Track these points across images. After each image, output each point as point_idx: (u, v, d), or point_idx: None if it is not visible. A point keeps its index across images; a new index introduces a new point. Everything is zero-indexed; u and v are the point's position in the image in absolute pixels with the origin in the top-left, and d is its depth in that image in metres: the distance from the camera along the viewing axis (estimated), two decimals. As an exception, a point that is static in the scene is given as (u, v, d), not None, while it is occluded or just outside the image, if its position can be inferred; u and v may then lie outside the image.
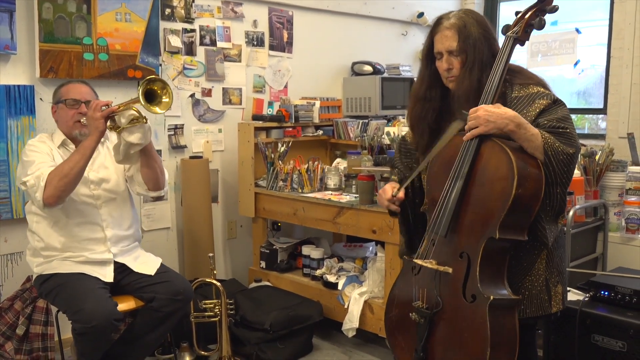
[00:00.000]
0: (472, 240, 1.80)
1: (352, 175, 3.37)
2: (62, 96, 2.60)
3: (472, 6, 5.17)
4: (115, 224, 2.63)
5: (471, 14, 1.94)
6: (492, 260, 1.79)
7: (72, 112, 2.56)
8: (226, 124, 3.80)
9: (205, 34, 3.65)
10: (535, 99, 1.85)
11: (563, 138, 1.79)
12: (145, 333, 2.59)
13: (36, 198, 2.35)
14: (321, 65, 4.28)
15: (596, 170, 3.54)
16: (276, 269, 3.65)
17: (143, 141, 2.46)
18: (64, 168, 2.36)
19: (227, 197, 3.87)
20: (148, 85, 2.34)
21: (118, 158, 2.55)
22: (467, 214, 1.82)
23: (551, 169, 1.77)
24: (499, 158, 1.76)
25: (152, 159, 2.60)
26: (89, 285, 2.45)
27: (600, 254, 3.56)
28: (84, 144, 2.41)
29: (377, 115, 4.09)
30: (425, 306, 1.88)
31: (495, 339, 1.72)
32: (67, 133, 2.60)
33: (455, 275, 1.81)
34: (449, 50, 1.91)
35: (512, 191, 1.70)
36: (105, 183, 2.64)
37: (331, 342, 3.36)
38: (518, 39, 1.86)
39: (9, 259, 3.02)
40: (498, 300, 1.73)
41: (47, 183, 2.33)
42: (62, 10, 3.02)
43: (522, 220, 1.77)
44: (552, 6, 1.86)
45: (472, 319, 1.76)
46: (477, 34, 1.88)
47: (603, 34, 4.42)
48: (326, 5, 4.21)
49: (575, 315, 2.54)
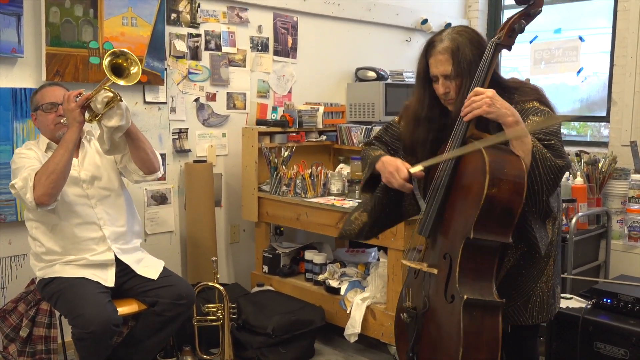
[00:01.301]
0: (453, 241, 1.82)
1: (356, 181, 3.38)
2: (38, 102, 2.58)
3: (475, 13, 5.19)
4: (112, 221, 2.62)
5: (465, 33, 1.91)
6: (473, 262, 1.79)
7: (51, 116, 2.55)
8: (230, 128, 3.81)
9: (210, 38, 3.67)
10: (529, 114, 1.85)
11: (552, 150, 1.80)
12: (147, 337, 2.60)
13: (27, 199, 2.35)
14: (325, 71, 4.30)
15: (599, 178, 3.55)
16: (279, 273, 3.66)
17: (124, 122, 2.42)
18: (50, 165, 2.36)
19: (231, 202, 3.88)
20: (112, 60, 2.31)
21: (105, 148, 2.53)
22: (450, 215, 1.86)
23: (537, 173, 1.77)
24: (476, 159, 1.77)
25: (138, 140, 2.56)
26: (89, 290, 2.44)
27: (602, 261, 3.57)
28: (65, 138, 2.40)
29: (380, 121, 4.10)
30: (412, 306, 1.93)
31: (470, 339, 1.72)
32: (51, 137, 2.59)
33: (439, 276, 1.85)
34: (444, 74, 1.89)
35: (483, 191, 1.71)
36: (98, 181, 2.62)
37: (333, 347, 3.36)
38: (501, 44, 1.86)
39: (13, 261, 3.03)
40: (472, 300, 1.74)
41: (36, 183, 2.33)
42: (69, 14, 3.04)
43: (501, 222, 1.76)
44: (536, 10, 1.86)
45: (450, 319, 1.78)
46: (470, 56, 1.86)
47: (606, 42, 4.43)
48: (331, 11, 4.23)
49: (578, 323, 2.54)
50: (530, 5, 1.85)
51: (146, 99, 3.43)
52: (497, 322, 1.77)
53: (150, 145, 2.65)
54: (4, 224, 2.95)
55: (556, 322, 2.62)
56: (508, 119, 1.74)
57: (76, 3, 3.05)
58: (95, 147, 2.68)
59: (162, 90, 3.47)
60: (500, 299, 1.78)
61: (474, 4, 5.19)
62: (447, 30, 1.93)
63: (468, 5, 5.23)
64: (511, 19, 1.87)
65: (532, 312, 1.93)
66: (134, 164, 2.62)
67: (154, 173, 2.67)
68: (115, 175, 2.68)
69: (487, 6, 5.23)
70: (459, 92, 1.89)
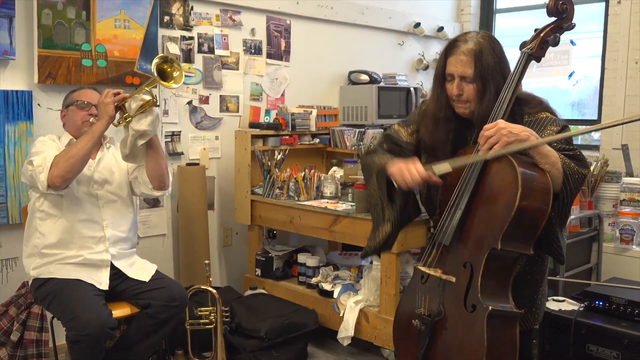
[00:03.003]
0: (476, 250, 1.80)
1: (349, 184, 3.38)
2: (73, 99, 2.65)
3: (467, 17, 5.22)
4: (115, 225, 2.64)
5: (489, 39, 1.89)
6: (495, 272, 1.78)
7: (83, 113, 2.62)
8: (223, 131, 3.81)
9: (203, 41, 3.67)
10: (546, 125, 1.84)
11: (576, 160, 1.80)
12: (140, 340, 2.59)
13: (40, 179, 2.38)
14: (318, 74, 4.30)
15: (591, 181, 3.57)
16: (272, 276, 3.65)
17: (152, 128, 2.49)
18: (71, 149, 2.43)
19: (224, 204, 3.87)
20: (160, 66, 2.41)
21: (125, 152, 2.56)
22: (472, 224, 1.83)
23: (568, 188, 1.77)
24: (505, 170, 1.75)
25: (158, 154, 2.63)
26: (84, 293, 2.44)
27: (594, 264, 3.59)
28: (93, 128, 2.47)
29: (373, 124, 4.11)
30: (427, 313, 1.89)
31: (492, 350, 1.72)
32: (75, 134, 2.62)
33: (458, 285, 1.82)
34: (462, 75, 1.86)
35: (515, 202, 1.69)
36: (108, 185, 2.66)
37: (326, 351, 3.36)
38: (532, 54, 1.85)
39: (3, 264, 3.00)
40: (497, 311, 1.74)
41: (54, 164, 2.39)
42: (62, 16, 3.02)
43: (526, 234, 1.76)
44: (569, 24, 1.85)
45: (471, 329, 1.76)
46: (493, 63, 1.84)
47: (597, 46, 4.47)
48: (324, 14, 4.24)
49: (570, 325, 2.55)
50: (563, 19, 1.84)
51: (139, 102, 3.41)
52: (515, 332, 1.78)
53: (167, 163, 2.70)
54: (-6, 227, 2.94)
55: (549, 325, 2.63)
56: (531, 139, 1.73)
57: (69, 5, 3.04)
58: (113, 154, 2.72)
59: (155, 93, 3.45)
60: (518, 309, 1.79)
61: (467, 8, 5.22)
62: (472, 33, 1.92)
63: (460, 9, 5.26)
64: (543, 31, 1.86)
65: (536, 315, 1.97)
66: (146, 176, 2.65)
67: (163, 190, 2.72)
68: (126, 185, 2.72)
69: (479, 10, 5.26)
70: (479, 97, 1.86)
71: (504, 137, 1.71)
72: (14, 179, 2.93)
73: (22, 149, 2.94)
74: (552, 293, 3.19)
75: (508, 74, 1.87)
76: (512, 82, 1.82)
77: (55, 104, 3.08)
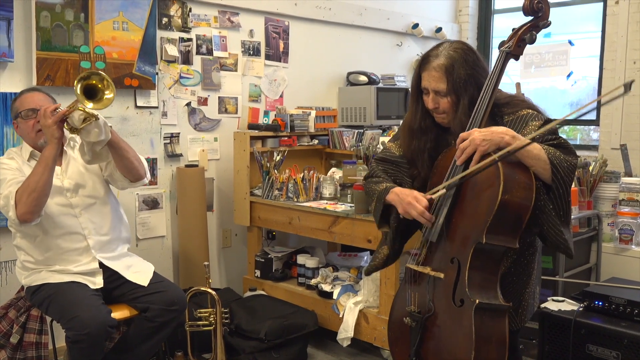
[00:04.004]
0: (462, 246, 1.83)
1: (348, 185, 3.38)
2: (17, 109, 2.54)
3: (465, 18, 5.23)
4: (96, 230, 2.59)
5: (460, 50, 1.92)
6: (482, 266, 1.81)
7: (31, 122, 2.50)
8: (222, 132, 3.81)
9: (201, 43, 3.67)
10: (527, 120, 1.87)
11: (562, 149, 1.82)
12: (139, 342, 2.58)
13: (10, 217, 2.34)
14: (317, 75, 4.30)
15: (590, 181, 3.57)
16: (271, 278, 3.65)
17: (102, 137, 2.37)
18: (30, 183, 2.32)
19: (223, 206, 3.87)
20: (85, 82, 2.27)
21: (87, 159, 2.50)
22: (458, 220, 1.86)
23: (559, 177, 1.78)
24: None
25: (121, 149, 2.51)
26: (80, 293, 2.43)
27: (594, 264, 3.58)
28: (44, 154, 2.36)
29: (372, 125, 4.11)
30: (417, 310, 1.92)
31: (481, 343, 1.74)
32: (33, 145, 2.55)
33: (446, 280, 1.85)
34: (436, 90, 1.92)
35: (498, 197, 1.73)
36: (82, 189, 2.58)
37: (326, 352, 3.36)
38: (511, 53, 1.90)
39: (3, 267, 3.00)
40: (484, 304, 1.76)
41: (17, 201, 2.30)
42: (60, 18, 3.02)
43: (511, 227, 1.79)
44: (545, 22, 1.91)
45: (459, 323, 1.79)
46: (464, 75, 1.88)
47: (595, 46, 4.47)
48: (322, 15, 4.24)
49: (570, 325, 2.55)
50: (539, 17, 1.89)
51: (137, 104, 3.41)
52: (504, 325, 1.80)
53: (135, 152, 2.60)
54: (-7, 230, 2.93)
55: (548, 325, 2.63)
56: (505, 140, 1.76)
57: (67, 7, 3.04)
58: (79, 155, 2.64)
59: (154, 95, 3.46)
60: (506, 303, 1.81)
61: (465, 9, 5.22)
62: (445, 45, 1.94)
63: (458, 9, 5.26)
64: (520, 29, 1.90)
65: (522, 316, 1.98)
66: (119, 173, 2.59)
67: (140, 180, 2.66)
68: (101, 183, 2.65)
69: (478, 11, 5.26)
70: (455, 109, 1.91)
71: (480, 147, 1.77)
72: (13, 181, 2.92)
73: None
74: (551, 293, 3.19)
75: (484, 81, 1.89)
76: (491, 81, 1.86)
77: (54, 106, 3.08)
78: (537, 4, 1.87)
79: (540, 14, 1.89)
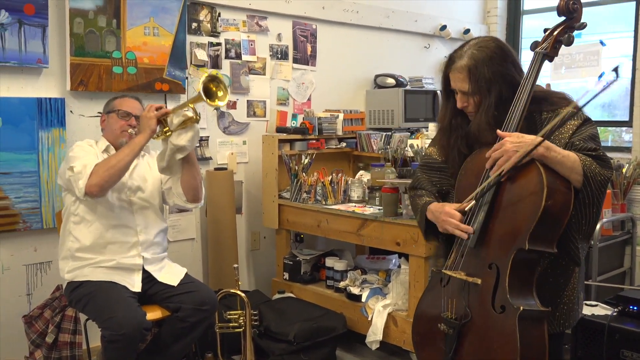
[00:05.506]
0: (501, 251, 1.80)
1: (376, 188, 3.38)
2: (114, 107, 2.69)
3: (494, 19, 5.17)
4: (147, 231, 2.69)
5: (486, 48, 1.88)
6: (521, 272, 1.79)
7: (122, 122, 2.66)
8: (250, 136, 3.84)
9: (230, 47, 3.70)
10: (566, 120, 1.83)
11: (599, 161, 1.79)
12: (171, 343, 2.62)
13: (78, 185, 2.42)
14: (344, 78, 4.31)
15: (623, 184, 3.51)
16: (299, 280, 3.66)
17: (191, 143, 2.53)
18: (112, 160, 2.47)
19: (251, 209, 3.90)
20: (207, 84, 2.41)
21: (162, 165, 2.60)
22: (496, 225, 1.83)
23: (589, 189, 1.76)
24: (528, 169, 1.76)
25: (194, 167, 2.67)
26: (119, 294, 2.49)
27: (628, 268, 3.52)
28: (135, 140, 2.51)
29: (400, 127, 4.10)
30: (454, 317, 1.89)
31: (524, 350, 1.72)
32: (112, 141, 2.67)
33: (484, 286, 1.82)
34: (462, 90, 1.91)
35: (542, 203, 1.71)
36: (140, 192, 2.70)
37: (355, 355, 3.35)
38: (547, 54, 1.87)
39: (38, 268, 3.07)
40: (528, 311, 1.74)
41: (93, 172, 2.42)
42: (93, 24, 3.09)
43: (551, 232, 1.77)
44: (580, 23, 1.87)
45: (501, 330, 1.76)
46: (489, 74, 1.85)
47: (628, 45, 4.39)
48: (349, 19, 4.25)
49: (604, 330, 2.51)
50: (573, 18, 1.86)
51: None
52: (544, 331, 1.78)
53: (201, 176, 2.74)
54: (29, 232, 3.00)
55: (582, 330, 2.59)
56: (538, 152, 1.73)
57: (99, 14, 3.10)
58: (148, 163, 2.77)
59: (184, 99, 3.51)
60: (545, 308, 1.79)
61: (493, 10, 5.18)
62: (470, 43, 1.92)
63: (487, 10, 5.22)
64: (556, 30, 1.87)
65: (560, 320, 1.93)
66: (180, 188, 2.69)
67: (197, 203, 2.75)
68: (158, 194, 2.76)
69: (506, 12, 5.21)
70: (479, 109, 1.90)
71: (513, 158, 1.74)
72: (48, 184, 3.00)
73: (56, 155, 3.00)
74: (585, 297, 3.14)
75: (514, 77, 1.87)
76: (527, 84, 1.83)
77: (87, 110, 3.14)
78: (573, 4, 1.84)
79: (575, 14, 1.86)
